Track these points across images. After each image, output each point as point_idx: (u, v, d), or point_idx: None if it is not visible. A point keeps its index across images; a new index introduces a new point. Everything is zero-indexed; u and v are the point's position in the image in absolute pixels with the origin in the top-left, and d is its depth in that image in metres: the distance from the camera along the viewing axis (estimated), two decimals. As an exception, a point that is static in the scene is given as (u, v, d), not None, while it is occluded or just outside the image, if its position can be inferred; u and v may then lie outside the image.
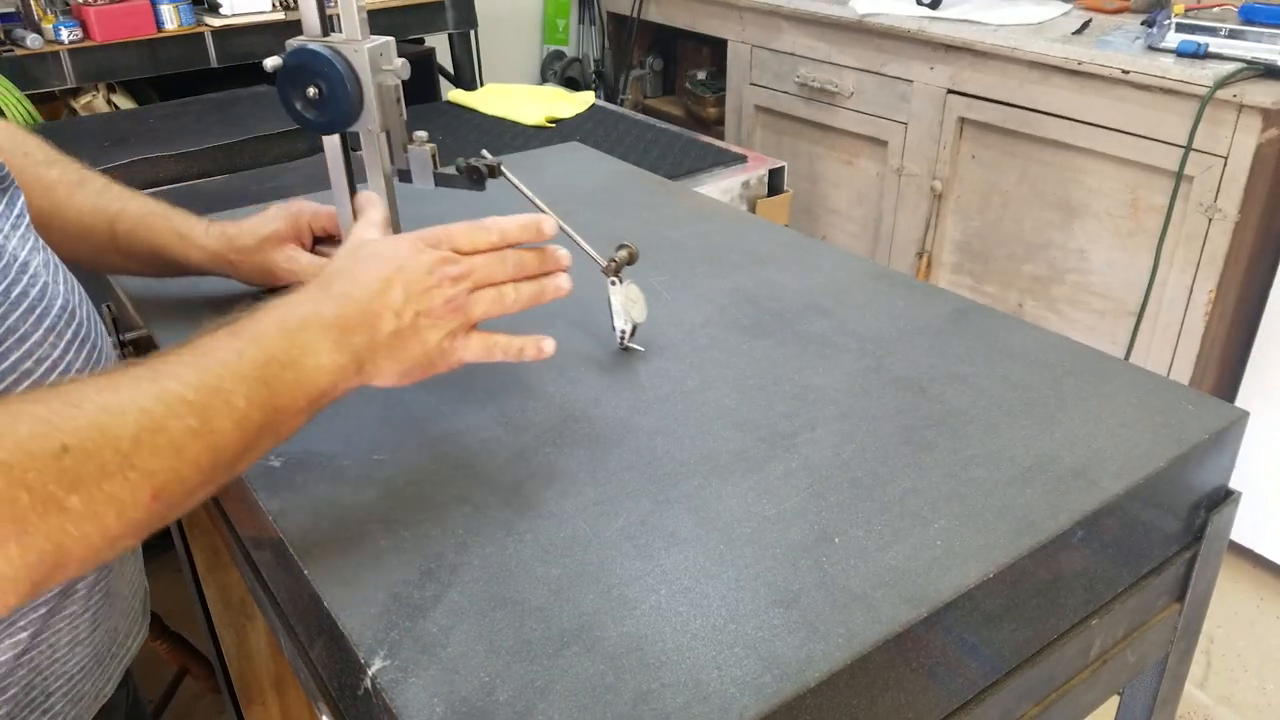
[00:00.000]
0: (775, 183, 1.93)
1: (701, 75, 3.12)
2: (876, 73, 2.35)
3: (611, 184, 1.23)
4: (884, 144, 2.40)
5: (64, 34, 2.02)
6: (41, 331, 0.65)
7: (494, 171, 0.82)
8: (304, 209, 0.90)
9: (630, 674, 0.54)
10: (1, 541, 0.47)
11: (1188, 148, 1.80)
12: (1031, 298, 2.23)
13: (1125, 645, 0.78)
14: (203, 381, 0.56)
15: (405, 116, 0.82)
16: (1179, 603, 0.81)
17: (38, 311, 0.65)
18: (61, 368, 0.66)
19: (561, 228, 0.80)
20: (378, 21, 2.37)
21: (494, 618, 0.58)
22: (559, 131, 2.11)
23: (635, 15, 3.06)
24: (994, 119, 2.14)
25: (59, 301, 0.68)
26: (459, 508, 0.67)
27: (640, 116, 2.22)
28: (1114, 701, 0.88)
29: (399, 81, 0.80)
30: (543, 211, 0.79)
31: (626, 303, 0.84)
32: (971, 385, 0.81)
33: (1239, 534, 1.90)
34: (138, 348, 1.02)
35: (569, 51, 3.33)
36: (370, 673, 0.55)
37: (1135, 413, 0.77)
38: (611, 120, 2.19)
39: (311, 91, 0.78)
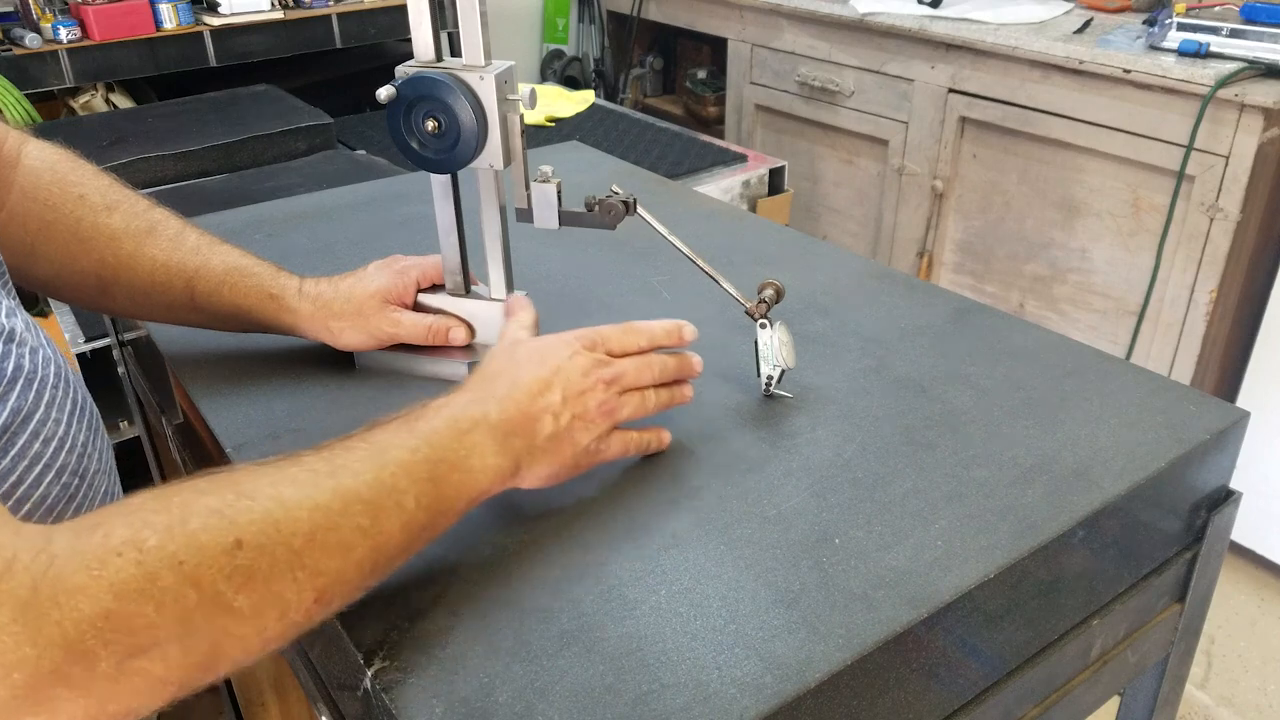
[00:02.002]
0: (775, 182, 1.93)
1: (701, 74, 3.12)
2: (877, 72, 2.35)
3: (611, 184, 1.23)
4: (885, 143, 2.40)
5: (62, 33, 2.02)
6: (43, 407, 0.61)
7: (629, 208, 0.77)
8: (408, 266, 0.82)
9: (630, 675, 0.54)
10: (163, 642, 0.44)
11: (1189, 147, 1.80)
12: (1033, 297, 2.23)
13: (1126, 646, 0.77)
14: (378, 479, 0.54)
15: (527, 150, 0.75)
16: (1179, 603, 0.81)
17: (35, 385, 0.61)
18: (69, 444, 0.62)
19: (702, 269, 0.78)
20: (377, 21, 2.37)
21: (493, 618, 0.58)
22: (559, 131, 2.11)
23: (635, 14, 3.05)
24: (995, 118, 2.14)
25: (52, 368, 0.63)
26: (458, 508, 0.67)
27: (640, 116, 2.22)
28: (1114, 702, 0.88)
29: (523, 113, 0.73)
30: (681, 251, 0.77)
31: (779, 347, 0.76)
32: (972, 385, 0.81)
33: (1239, 534, 1.90)
34: (136, 348, 1.02)
35: (569, 50, 3.33)
36: (370, 673, 0.55)
37: (1136, 413, 0.77)
38: (611, 119, 2.19)
39: (430, 125, 0.71)
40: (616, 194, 0.77)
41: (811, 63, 2.50)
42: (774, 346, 0.77)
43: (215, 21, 2.17)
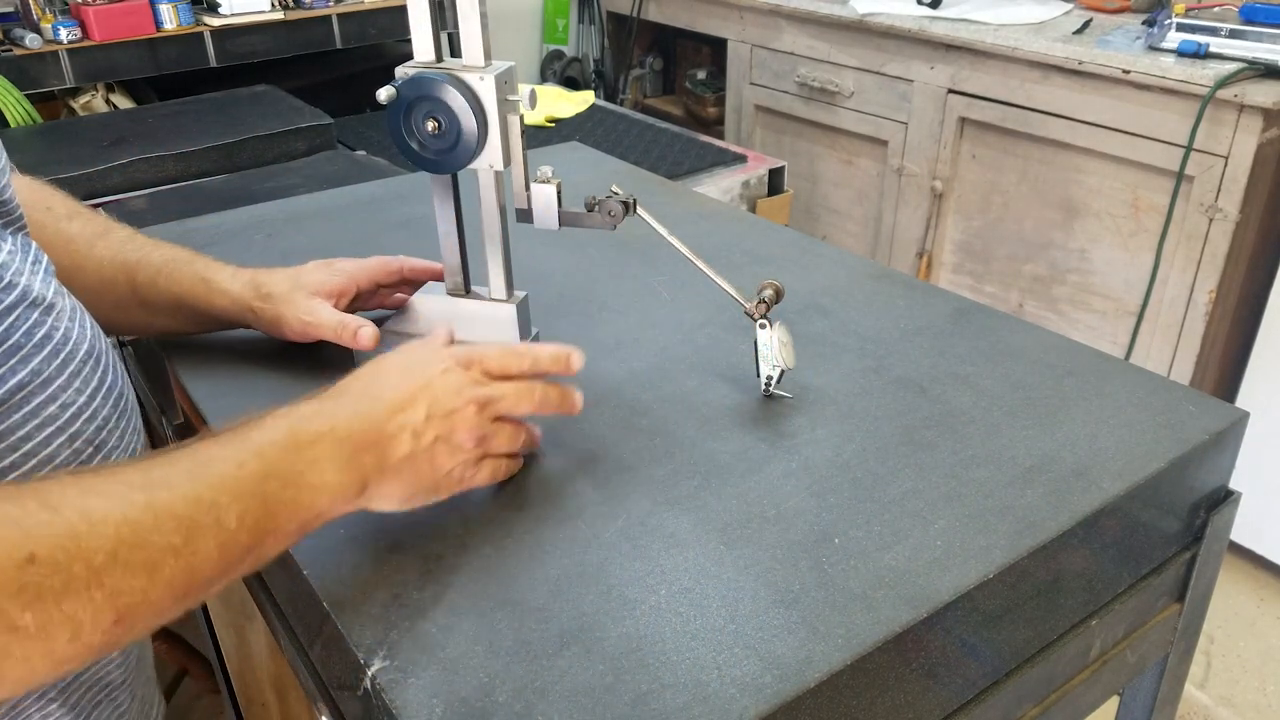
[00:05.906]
0: (775, 182, 1.93)
1: (701, 75, 3.12)
2: (877, 72, 2.35)
3: (611, 184, 1.23)
4: (884, 144, 2.40)
5: (63, 34, 2.02)
6: (66, 375, 0.61)
7: (629, 208, 0.76)
8: (346, 266, 0.83)
9: (630, 674, 0.54)
10: None
11: (1188, 148, 1.80)
12: (1032, 298, 2.23)
13: (1125, 645, 0.78)
14: (196, 494, 0.51)
15: (527, 150, 0.75)
16: (1179, 603, 0.81)
17: (62, 355, 0.61)
18: (88, 414, 0.63)
19: (702, 269, 0.77)
20: (377, 21, 2.37)
21: (493, 618, 0.58)
22: (559, 131, 2.11)
23: (635, 15, 3.05)
24: (994, 119, 2.14)
25: (85, 345, 0.64)
26: (458, 508, 0.67)
27: (640, 116, 2.22)
28: (1114, 702, 0.88)
29: (523, 113, 0.73)
30: (680, 251, 0.76)
31: (779, 347, 0.76)
32: (972, 385, 0.81)
33: (1239, 534, 1.90)
34: (136, 348, 1.02)
35: (568, 51, 3.33)
36: (370, 673, 0.55)
37: (1136, 413, 0.77)
38: (611, 120, 2.19)
39: (430, 126, 0.71)
40: (616, 194, 0.77)
41: (811, 63, 2.50)
42: (773, 347, 0.77)
43: (215, 22, 2.17)
